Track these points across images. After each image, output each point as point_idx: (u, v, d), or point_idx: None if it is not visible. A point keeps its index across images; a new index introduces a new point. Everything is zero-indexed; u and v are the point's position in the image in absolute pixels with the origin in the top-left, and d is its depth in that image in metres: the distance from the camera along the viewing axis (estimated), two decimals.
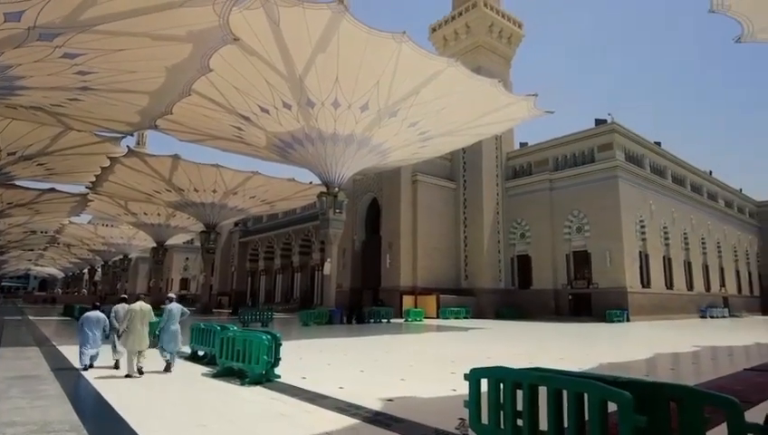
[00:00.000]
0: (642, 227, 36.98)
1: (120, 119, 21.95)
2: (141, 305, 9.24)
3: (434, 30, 46.05)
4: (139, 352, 8.83)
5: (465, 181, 41.61)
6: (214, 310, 47.40)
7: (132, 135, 28.57)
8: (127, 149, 29.98)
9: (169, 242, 57.78)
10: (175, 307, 9.75)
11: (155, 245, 54.02)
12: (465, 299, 36.84)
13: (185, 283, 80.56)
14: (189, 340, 11.36)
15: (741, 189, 58.28)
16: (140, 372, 8.76)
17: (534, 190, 39.77)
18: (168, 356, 9.37)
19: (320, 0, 16.97)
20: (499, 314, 36.48)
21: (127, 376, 8.69)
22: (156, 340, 9.85)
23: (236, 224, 64.01)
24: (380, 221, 40.17)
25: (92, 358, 9.56)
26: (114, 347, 9.67)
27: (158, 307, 11.86)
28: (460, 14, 43.61)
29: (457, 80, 22.66)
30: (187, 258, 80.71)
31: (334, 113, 23.51)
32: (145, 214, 47.51)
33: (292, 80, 21.07)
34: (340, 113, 23.56)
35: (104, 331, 9.81)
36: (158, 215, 47.93)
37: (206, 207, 40.76)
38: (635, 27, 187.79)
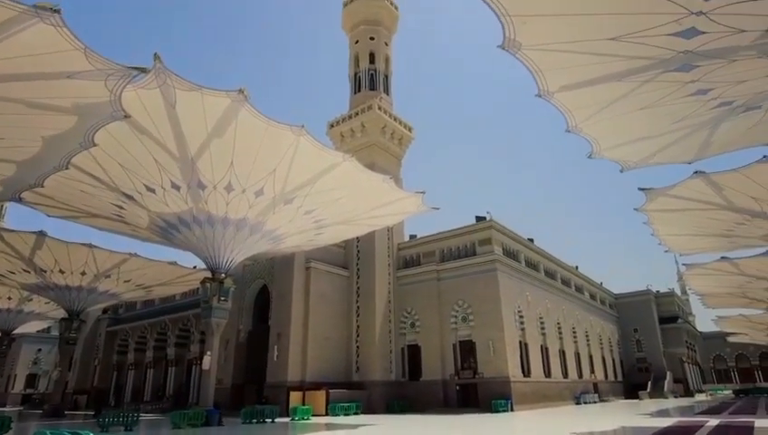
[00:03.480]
0: (521, 317, 39.51)
1: None
2: None
3: (332, 126, 48.41)
4: None
5: (358, 270, 42.00)
6: (67, 412, 40.62)
7: None
8: None
9: (18, 330, 49.76)
10: None
11: None
12: (356, 393, 35.64)
13: (32, 379, 68.74)
14: None
15: (601, 283, 65.52)
16: None
17: (423, 280, 41.18)
18: None
19: (220, 88, 17.20)
20: (390, 408, 35.62)
21: None
22: None
23: (105, 311, 57.39)
24: (270, 310, 38.51)
25: None
26: None
27: None
28: (357, 114, 46.58)
29: (352, 174, 23.67)
30: (40, 350, 69.70)
31: (227, 197, 23.01)
32: None
33: (183, 161, 20.50)
34: (232, 197, 23.12)
35: None
36: (9, 299, 41.57)
37: (71, 291, 36.26)
38: (508, 145, 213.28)
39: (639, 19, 10.33)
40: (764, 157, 17.95)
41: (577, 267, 58.40)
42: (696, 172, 19.62)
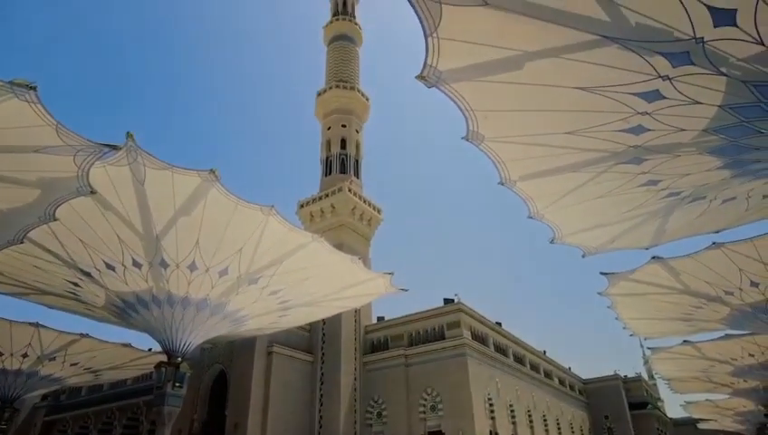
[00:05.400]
0: (491, 404, 38.32)
1: None
2: None
3: (302, 206, 48.93)
4: None
5: (323, 354, 40.51)
6: None
7: None
8: None
9: None
10: None
11: None
12: None
13: None
14: None
15: (569, 368, 64.91)
16: None
17: (391, 366, 39.94)
18: None
19: (191, 167, 17.32)
20: None
21: None
22: None
23: (45, 397, 52.61)
24: (227, 397, 36.18)
25: None
26: None
27: None
28: (327, 195, 47.41)
29: (320, 254, 23.56)
30: None
31: (189, 276, 22.34)
32: None
33: (147, 238, 20.06)
34: (195, 276, 22.45)
35: None
36: None
37: (7, 375, 33.22)
38: (475, 228, 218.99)
39: (592, 116, 11.21)
40: (713, 243, 19.02)
41: (545, 352, 58.00)
42: (654, 257, 20.46)
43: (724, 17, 7.55)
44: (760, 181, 13.42)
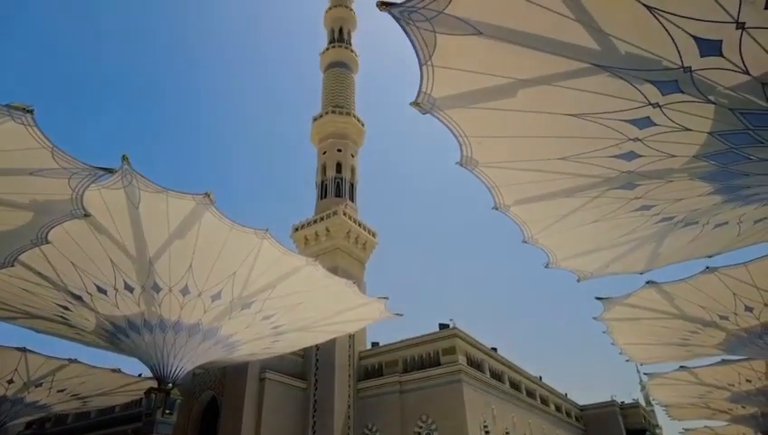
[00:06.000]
0: (487, 432, 37.64)
1: None
2: None
3: (296, 229, 48.78)
4: None
5: (316, 380, 39.82)
6: None
7: None
8: None
9: None
10: None
11: None
12: None
13: None
14: None
15: (566, 394, 64.07)
16: None
17: (385, 392, 39.27)
18: None
19: (186, 191, 17.33)
20: None
21: None
22: None
23: (30, 425, 51.19)
24: (218, 425, 35.40)
25: None
26: None
27: None
28: (322, 218, 47.34)
29: (315, 278, 23.45)
30: None
31: (182, 300, 22.11)
32: None
33: (140, 262, 19.92)
34: (188, 301, 22.23)
35: None
36: None
37: None
38: (470, 253, 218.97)
39: (584, 142, 11.37)
40: (707, 268, 19.09)
41: (541, 378, 57.36)
42: (648, 282, 20.50)
43: (709, 47, 7.77)
44: (751, 207, 13.58)
